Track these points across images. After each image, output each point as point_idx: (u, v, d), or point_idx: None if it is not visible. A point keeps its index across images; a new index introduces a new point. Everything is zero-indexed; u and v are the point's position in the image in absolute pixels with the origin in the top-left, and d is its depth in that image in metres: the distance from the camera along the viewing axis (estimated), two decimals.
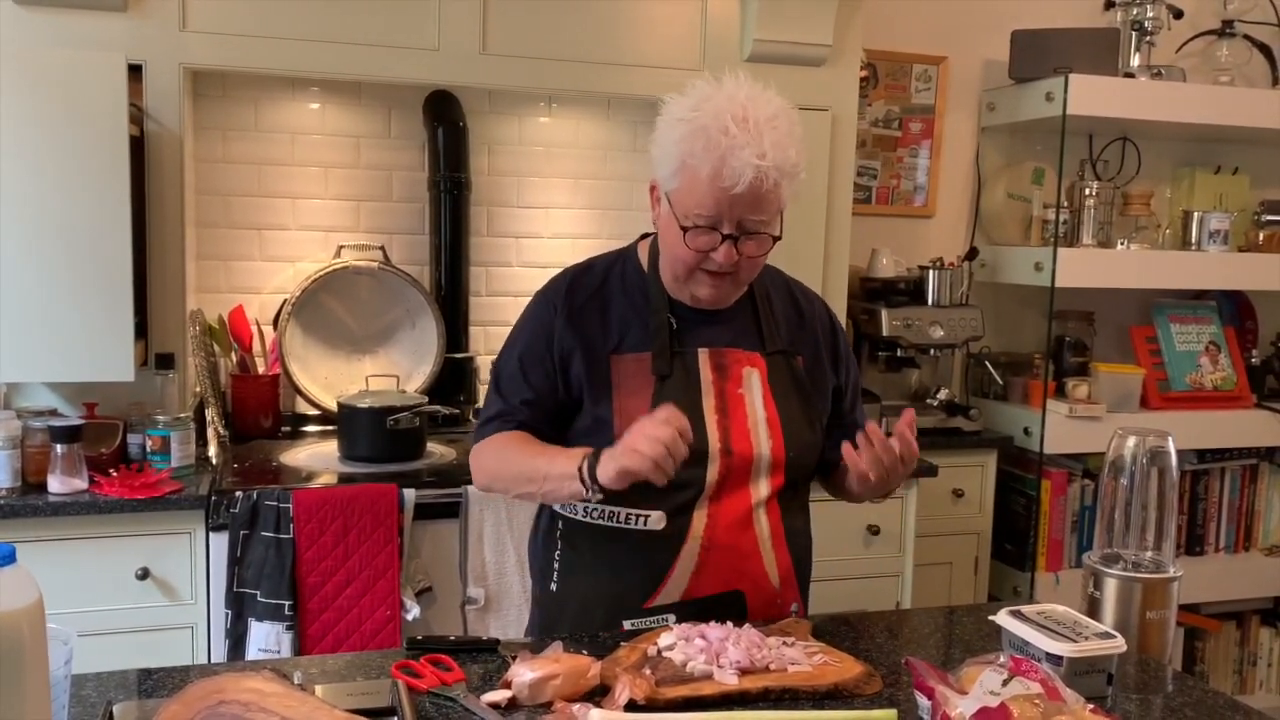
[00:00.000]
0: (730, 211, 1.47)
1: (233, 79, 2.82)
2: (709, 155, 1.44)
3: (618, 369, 1.58)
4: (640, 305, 1.62)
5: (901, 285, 3.27)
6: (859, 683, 1.36)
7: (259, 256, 2.92)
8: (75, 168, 2.30)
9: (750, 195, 1.45)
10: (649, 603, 1.57)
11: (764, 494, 1.60)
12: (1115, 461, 1.60)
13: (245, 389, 2.77)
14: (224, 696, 1.09)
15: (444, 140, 2.91)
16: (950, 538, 3.20)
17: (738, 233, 1.49)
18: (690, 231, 1.49)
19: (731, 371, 1.61)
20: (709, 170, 1.44)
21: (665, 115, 1.52)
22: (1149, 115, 3.25)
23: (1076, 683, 1.31)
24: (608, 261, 1.69)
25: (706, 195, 1.46)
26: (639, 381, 1.57)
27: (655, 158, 1.53)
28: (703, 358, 1.60)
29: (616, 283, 1.64)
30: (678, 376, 1.58)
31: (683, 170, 1.48)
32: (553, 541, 1.65)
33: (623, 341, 1.59)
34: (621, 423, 1.52)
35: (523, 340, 1.64)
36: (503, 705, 1.28)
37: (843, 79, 2.99)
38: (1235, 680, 3.68)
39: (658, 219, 1.58)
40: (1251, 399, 3.54)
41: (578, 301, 1.62)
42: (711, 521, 1.56)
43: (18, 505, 2.19)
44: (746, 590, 1.58)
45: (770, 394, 1.62)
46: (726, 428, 1.58)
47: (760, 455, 1.58)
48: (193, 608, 2.30)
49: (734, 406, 1.59)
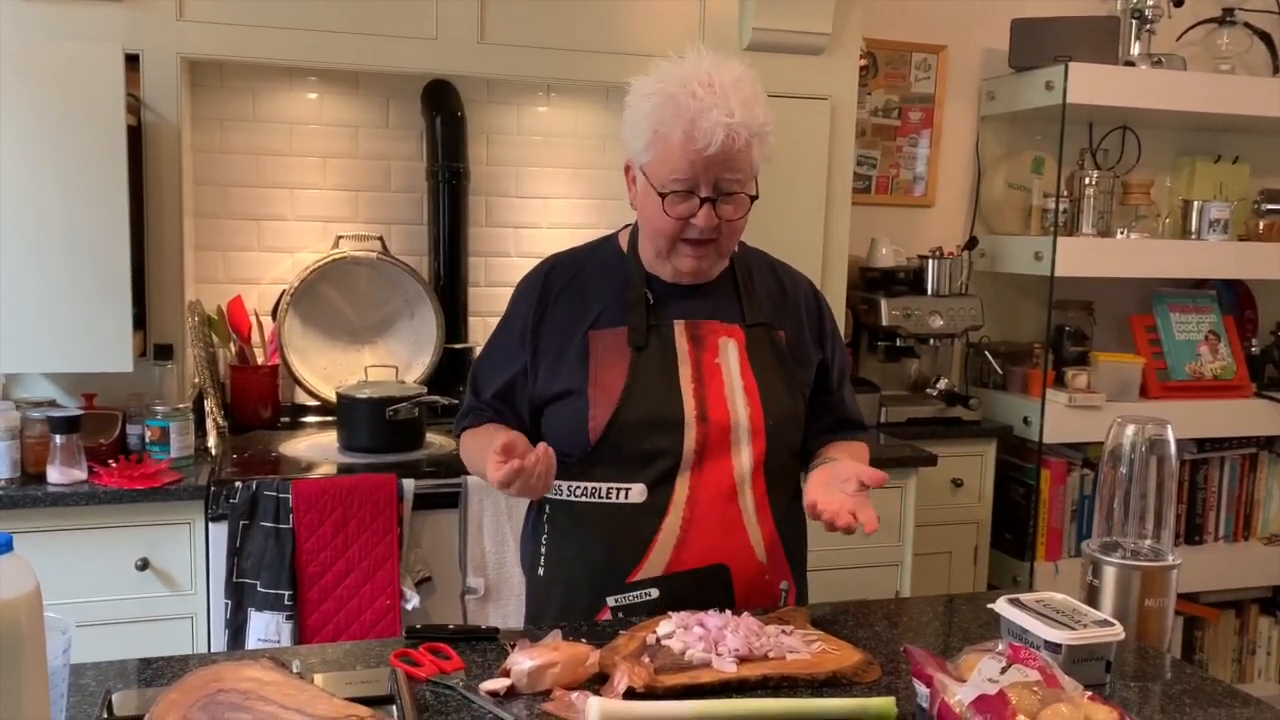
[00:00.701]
0: (705, 173, 1.50)
1: (230, 69, 2.81)
2: (679, 120, 1.47)
3: (595, 343, 1.61)
4: (618, 283, 1.65)
5: (901, 275, 3.27)
6: (857, 670, 1.36)
7: (257, 247, 2.92)
8: (73, 158, 2.30)
9: (723, 155, 1.48)
10: (632, 577, 1.57)
11: (747, 465, 1.60)
12: (1115, 450, 1.60)
13: (244, 380, 2.76)
14: (223, 685, 1.09)
15: (442, 130, 2.90)
16: (949, 527, 3.21)
17: (715, 195, 1.52)
18: (668, 199, 1.52)
19: (708, 342, 1.63)
20: (681, 134, 1.47)
21: (632, 94, 1.55)
22: (1149, 104, 3.25)
23: (1075, 670, 1.31)
24: (590, 248, 1.74)
25: (681, 159, 1.49)
26: (615, 355, 1.60)
27: (627, 137, 1.57)
28: (679, 329, 1.62)
29: (597, 265, 1.68)
30: (653, 348, 1.60)
31: (655, 140, 1.51)
32: (540, 527, 1.67)
33: (600, 317, 1.62)
34: (596, 393, 1.57)
35: (500, 334, 1.71)
36: (501, 694, 1.28)
37: (842, 68, 2.99)
38: (1234, 669, 3.69)
39: (635, 198, 1.61)
40: (1251, 388, 3.54)
41: (555, 288, 1.66)
42: (693, 493, 1.57)
43: (17, 496, 2.19)
44: (731, 565, 1.58)
45: (748, 363, 1.63)
46: (703, 396, 1.59)
47: (738, 422, 1.59)
48: (192, 598, 2.30)
49: (710, 375, 1.61)
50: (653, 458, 1.56)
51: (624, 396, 1.56)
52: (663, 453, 1.56)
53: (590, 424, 1.56)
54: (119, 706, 1.20)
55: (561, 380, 1.61)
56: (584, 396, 1.58)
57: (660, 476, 1.56)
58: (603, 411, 1.56)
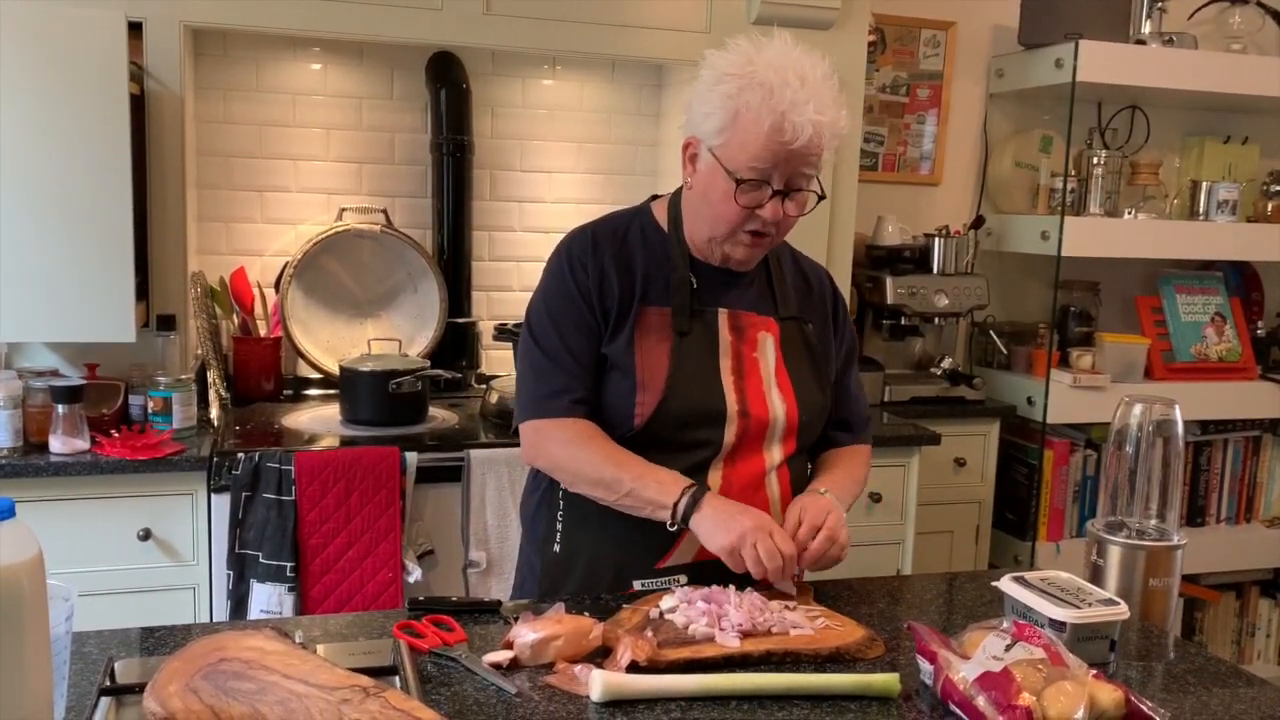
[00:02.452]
0: (783, 166, 1.48)
1: (234, 38, 2.79)
2: (770, 108, 1.43)
3: (641, 320, 1.58)
4: (662, 261, 1.61)
5: (907, 253, 3.26)
6: (861, 647, 1.36)
7: (260, 219, 2.90)
8: (75, 126, 2.28)
9: (803, 151, 1.46)
10: (662, 563, 1.57)
11: (776, 458, 1.61)
12: (1121, 430, 1.59)
13: (247, 351, 2.76)
14: (225, 654, 1.09)
15: (447, 102, 2.88)
16: (952, 506, 3.21)
17: (786, 189, 1.50)
18: (741, 186, 1.49)
19: (748, 334, 1.61)
20: (770, 123, 1.44)
21: (710, 70, 1.50)
22: (1159, 83, 3.22)
23: (1079, 649, 1.31)
24: (625, 218, 1.67)
25: (764, 149, 1.46)
26: (659, 335, 1.57)
27: (698, 114, 1.51)
28: (722, 318, 1.61)
29: (637, 239, 1.63)
30: (697, 334, 1.58)
31: (737, 123, 1.47)
32: (554, 503, 1.64)
33: (646, 293, 1.59)
34: (643, 376, 1.54)
35: (560, 309, 1.59)
36: (504, 666, 1.28)
37: (850, 43, 2.96)
38: (1234, 650, 3.70)
39: (692, 176, 1.56)
40: (1256, 370, 3.53)
41: (605, 252, 1.60)
42: (726, 483, 1.57)
43: (19, 465, 2.19)
44: None
45: (782, 359, 1.62)
46: (743, 389, 1.58)
47: (775, 419, 1.59)
48: (194, 568, 2.30)
49: (749, 369, 1.60)
50: (692, 448, 1.55)
51: (669, 384, 1.54)
52: (703, 444, 1.56)
53: (637, 409, 1.55)
54: (121, 674, 1.21)
55: (614, 350, 1.57)
56: (631, 377, 1.55)
57: (695, 466, 1.56)
58: (650, 398, 1.54)
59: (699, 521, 1.47)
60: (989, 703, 1.15)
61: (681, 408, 1.55)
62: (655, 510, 1.50)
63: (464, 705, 1.19)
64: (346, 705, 1.03)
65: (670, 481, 1.50)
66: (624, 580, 1.58)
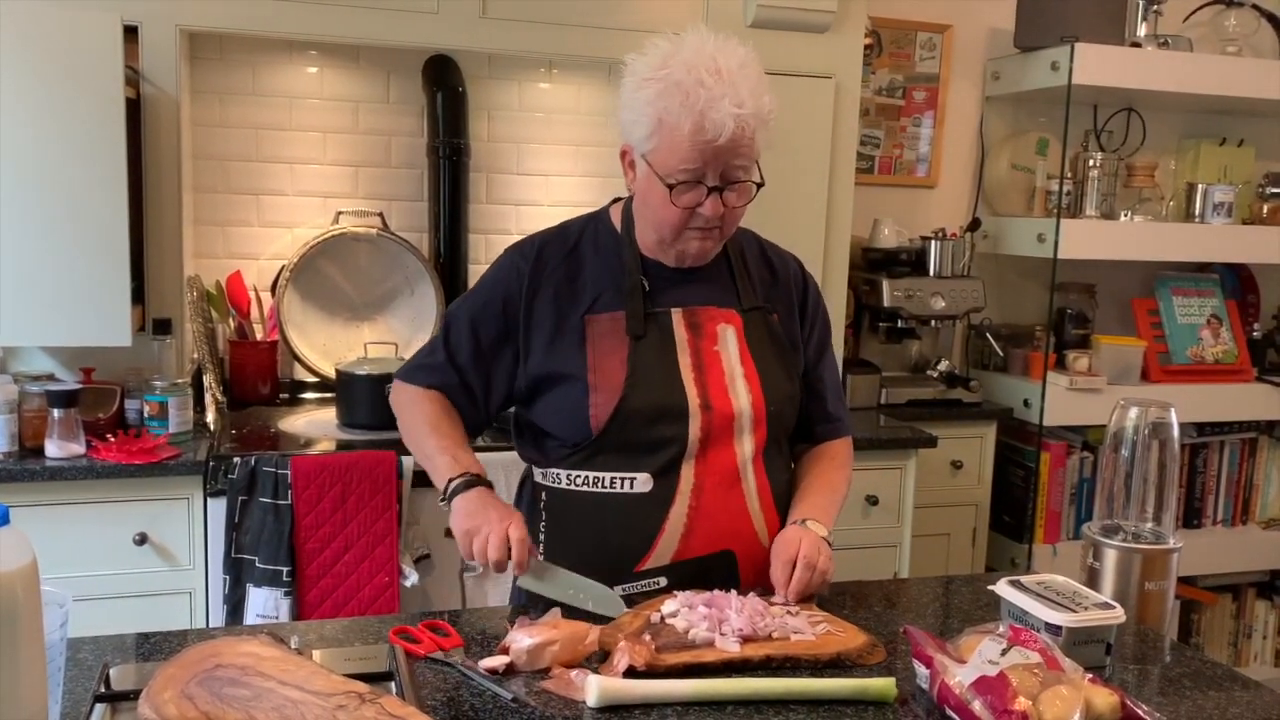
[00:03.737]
0: (714, 163, 1.48)
1: (230, 41, 2.79)
2: (688, 110, 1.43)
3: (592, 328, 1.58)
4: (614, 266, 1.62)
5: (903, 256, 3.26)
6: (862, 653, 1.36)
7: (256, 222, 2.90)
8: (71, 130, 2.28)
9: (731, 145, 1.46)
10: (640, 566, 1.56)
11: (748, 451, 1.60)
12: (1117, 432, 1.59)
13: (243, 355, 2.76)
14: (221, 660, 1.09)
15: (443, 105, 2.88)
16: (948, 509, 3.21)
17: (722, 184, 1.50)
18: (676, 189, 1.49)
19: (706, 329, 1.61)
20: (690, 125, 1.44)
21: (630, 76, 1.51)
22: (1155, 85, 3.22)
23: (1075, 652, 1.31)
24: (579, 225, 1.69)
25: (690, 150, 1.46)
26: (614, 341, 1.57)
27: (626, 122, 1.53)
28: (676, 317, 1.60)
29: (589, 245, 1.65)
30: (652, 336, 1.58)
31: (660, 129, 1.47)
32: (536, 514, 1.65)
33: (596, 301, 1.60)
34: (596, 380, 1.55)
35: (482, 296, 1.65)
36: (500, 671, 1.28)
37: (847, 46, 2.96)
38: (1230, 653, 3.70)
39: (633, 183, 1.58)
40: (1252, 372, 3.53)
41: (549, 264, 1.62)
42: (698, 481, 1.56)
43: (15, 470, 2.18)
44: (737, 551, 1.58)
45: (747, 349, 1.62)
46: (704, 384, 1.58)
47: (741, 410, 1.58)
48: (191, 573, 2.30)
49: (710, 363, 1.59)
50: (657, 447, 1.55)
51: (627, 386, 1.54)
52: (668, 442, 1.55)
53: (592, 412, 1.55)
54: (116, 680, 1.20)
55: (557, 362, 1.58)
56: (583, 383, 1.55)
57: (665, 466, 1.55)
58: (605, 400, 1.54)
59: (457, 502, 1.51)
60: (985, 707, 1.15)
61: (641, 405, 1.54)
62: (438, 482, 1.56)
63: (460, 711, 1.19)
64: (342, 711, 1.03)
65: (462, 465, 1.54)
66: (606, 584, 1.57)
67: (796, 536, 1.52)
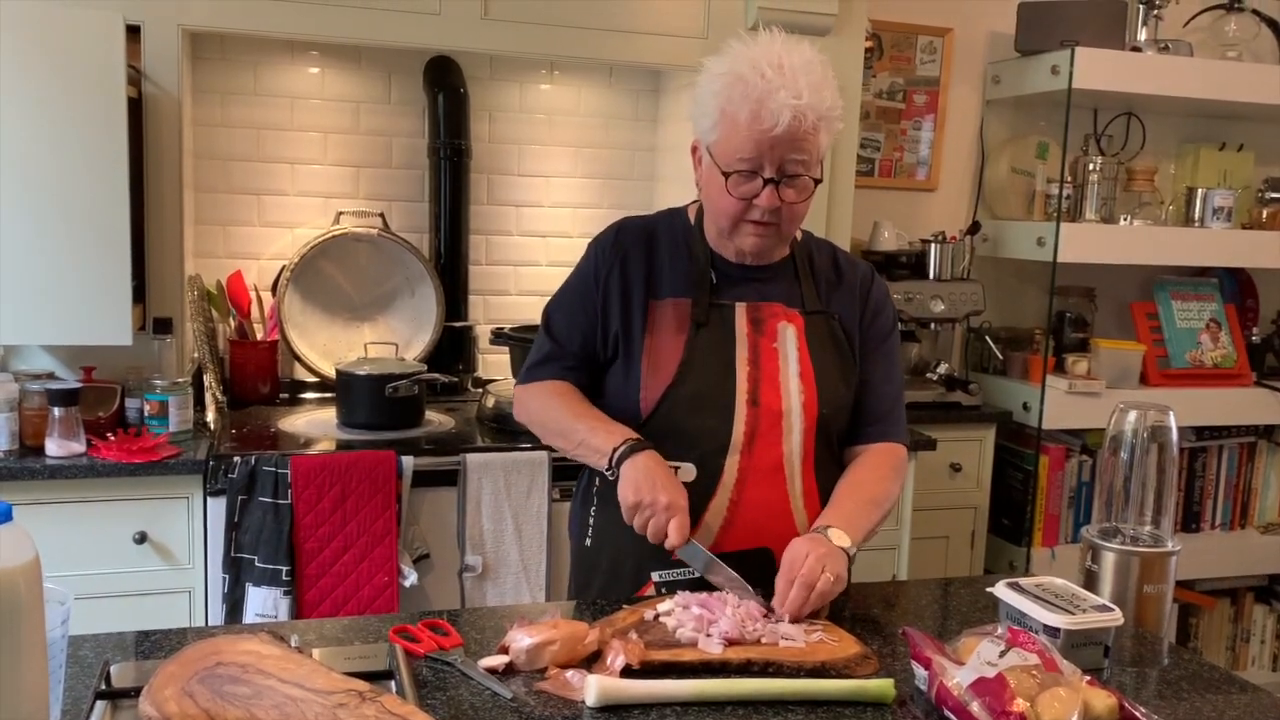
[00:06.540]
0: (771, 154, 1.50)
1: (231, 41, 2.79)
2: (746, 100, 1.47)
3: (655, 313, 1.62)
4: (684, 255, 1.66)
5: (903, 259, 3.26)
6: (851, 663, 1.32)
7: (257, 222, 2.91)
8: (72, 129, 2.28)
9: (788, 137, 1.48)
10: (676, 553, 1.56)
11: (797, 451, 1.60)
12: (1116, 436, 1.60)
13: (244, 355, 2.76)
14: (221, 658, 1.09)
15: (444, 106, 2.88)
16: (947, 512, 3.21)
17: (778, 176, 1.52)
18: (733, 178, 1.53)
19: (767, 326, 1.63)
20: (747, 113, 1.48)
21: (703, 74, 1.56)
22: (1155, 89, 3.23)
23: (1074, 655, 1.31)
24: (659, 216, 1.75)
25: (746, 139, 1.50)
26: (675, 327, 1.61)
27: (695, 116, 1.58)
28: (739, 311, 1.63)
29: (665, 233, 1.69)
30: (713, 326, 1.62)
31: (722, 119, 1.52)
32: (589, 499, 1.70)
33: (663, 287, 1.64)
34: (650, 364, 1.59)
35: (573, 286, 1.70)
36: (500, 670, 1.28)
37: (847, 49, 2.96)
38: (1228, 657, 3.70)
39: (700, 178, 1.62)
40: (1251, 377, 3.53)
41: (624, 245, 1.66)
42: (742, 475, 1.58)
43: (15, 468, 2.19)
44: (776, 549, 1.55)
45: (806, 350, 1.63)
46: (756, 379, 1.60)
47: (790, 409, 1.60)
48: (190, 572, 2.30)
49: (766, 360, 1.61)
50: (701, 437, 1.57)
51: (679, 372, 1.58)
52: (712, 432, 1.57)
53: (643, 394, 1.58)
54: (117, 678, 1.20)
55: (622, 342, 1.63)
56: (638, 366, 1.60)
57: (709, 456, 1.57)
58: (656, 384, 1.58)
59: (625, 469, 1.50)
60: (983, 708, 1.15)
61: (686, 394, 1.57)
62: (599, 459, 1.55)
63: (459, 710, 1.19)
64: (342, 709, 1.03)
65: (620, 433, 1.55)
66: (643, 570, 1.60)
67: (805, 550, 1.44)
